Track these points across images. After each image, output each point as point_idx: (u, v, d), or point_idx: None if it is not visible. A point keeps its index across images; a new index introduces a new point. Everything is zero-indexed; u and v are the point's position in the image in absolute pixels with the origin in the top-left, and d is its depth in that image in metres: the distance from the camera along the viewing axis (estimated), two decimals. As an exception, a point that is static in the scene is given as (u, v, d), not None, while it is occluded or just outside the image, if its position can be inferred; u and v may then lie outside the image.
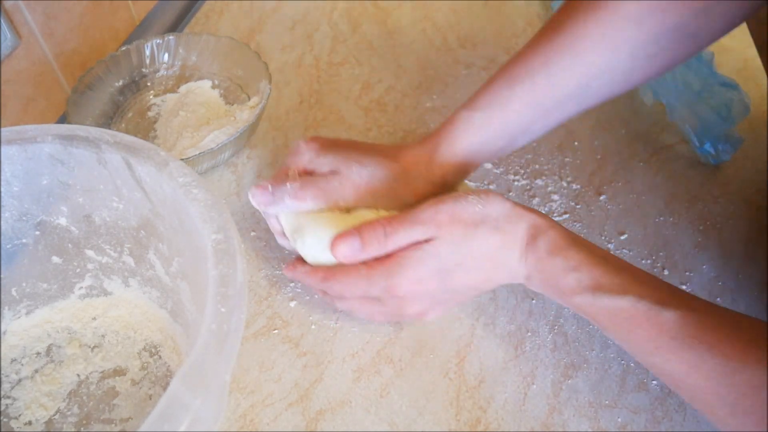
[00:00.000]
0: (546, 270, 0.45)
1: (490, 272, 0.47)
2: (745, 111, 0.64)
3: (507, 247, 0.46)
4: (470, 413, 0.49)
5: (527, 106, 0.50)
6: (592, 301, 0.43)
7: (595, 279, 0.43)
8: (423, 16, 0.82)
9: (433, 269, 0.46)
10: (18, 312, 0.52)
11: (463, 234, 0.45)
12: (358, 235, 0.47)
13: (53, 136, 0.46)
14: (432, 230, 0.46)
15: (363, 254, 0.47)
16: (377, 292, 0.47)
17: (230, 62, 0.71)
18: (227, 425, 0.48)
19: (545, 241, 0.45)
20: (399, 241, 0.46)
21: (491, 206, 0.46)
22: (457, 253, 0.46)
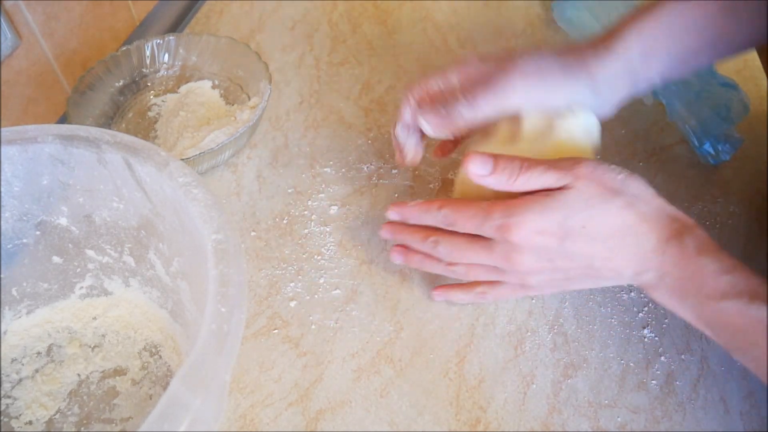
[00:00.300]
0: (690, 269, 0.41)
1: (614, 252, 0.43)
2: (745, 111, 0.64)
3: (641, 232, 0.43)
4: (470, 413, 0.49)
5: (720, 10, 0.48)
6: (744, 309, 0.40)
7: (752, 286, 0.40)
8: (423, 16, 0.82)
9: (557, 223, 0.43)
10: (18, 312, 0.52)
11: (599, 194, 0.42)
12: (492, 158, 0.44)
13: (54, 136, 0.46)
14: (569, 179, 0.43)
15: (491, 177, 0.44)
16: (491, 232, 0.45)
17: (230, 62, 0.71)
18: (227, 425, 0.48)
19: (693, 239, 0.42)
20: (531, 179, 0.44)
21: (633, 183, 0.43)
22: (587, 213, 0.43)
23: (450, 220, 0.47)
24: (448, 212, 0.47)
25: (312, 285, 0.56)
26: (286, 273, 0.57)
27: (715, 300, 0.41)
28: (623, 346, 0.52)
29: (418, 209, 0.50)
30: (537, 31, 0.80)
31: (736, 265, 0.41)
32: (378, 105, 0.71)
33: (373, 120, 0.70)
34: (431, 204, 0.48)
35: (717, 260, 0.41)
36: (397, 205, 0.51)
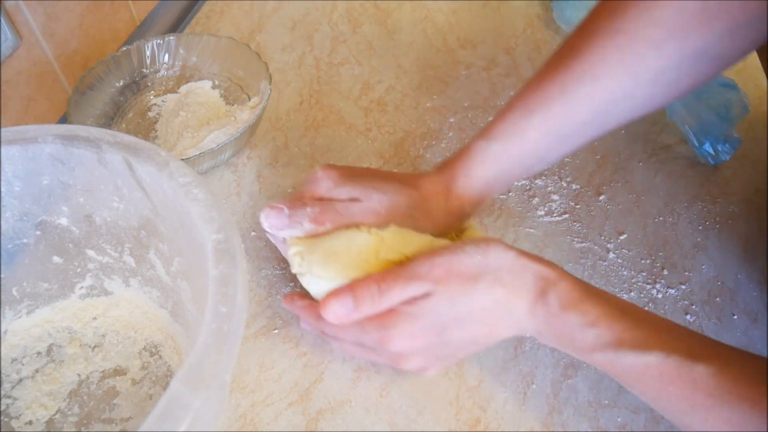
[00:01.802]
0: (559, 326, 0.42)
1: (492, 327, 0.44)
2: (745, 111, 0.64)
3: (511, 302, 0.43)
4: (470, 413, 0.49)
5: (545, 135, 0.48)
6: (615, 358, 0.40)
7: (617, 334, 0.40)
8: (423, 17, 0.82)
9: (429, 325, 0.44)
10: (19, 312, 0.52)
11: (460, 289, 0.43)
12: (351, 294, 0.44)
13: (54, 136, 0.46)
14: (428, 286, 0.43)
15: (356, 314, 0.44)
16: (371, 343, 0.46)
17: (230, 62, 0.71)
18: (227, 425, 0.48)
19: (556, 295, 0.42)
20: (394, 298, 0.44)
21: (492, 257, 0.43)
22: (455, 309, 0.43)
23: (331, 333, 0.48)
24: (325, 326, 0.48)
25: (312, 285, 0.56)
26: (286, 273, 0.57)
27: (588, 352, 0.42)
28: (623, 346, 0.52)
29: (302, 312, 0.50)
30: (537, 31, 0.80)
31: (600, 315, 0.41)
32: (378, 105, 0.71)
33: (373, 120, 0.70)
34: (311, 312, 0.48)
35: (580, 314, 0.41)
36: (286, 299, 0.52)
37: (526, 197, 0.62)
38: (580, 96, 0.47)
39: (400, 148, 0.67)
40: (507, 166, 0.50)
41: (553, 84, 0.48)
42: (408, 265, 0.45)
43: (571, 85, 0.47)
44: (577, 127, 0.48)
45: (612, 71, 0.46)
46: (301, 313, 0.51)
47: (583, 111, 0.47)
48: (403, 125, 0.69)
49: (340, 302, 0.44)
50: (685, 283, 0.56)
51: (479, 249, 0.44)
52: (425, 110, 0.71)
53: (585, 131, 0.49)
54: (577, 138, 0.50)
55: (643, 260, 0.58)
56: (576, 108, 0.47)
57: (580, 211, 0.61)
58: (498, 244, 0.44)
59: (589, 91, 0.47)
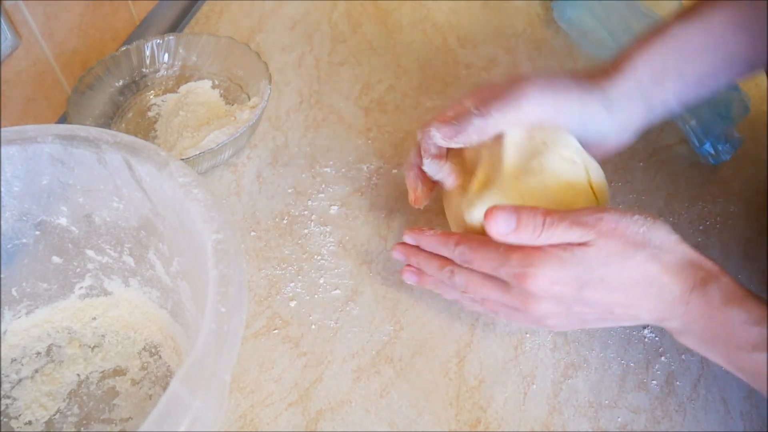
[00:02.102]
0: (717, 320, 0.41)
1: (633, 300, 0.43)
2: (745, 111, 0.64)
3: (664, 282, 0.42)
4: (470, 413, 0.49)
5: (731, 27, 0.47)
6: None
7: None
8: (423, 16, 0.82)
9: (574, 276, 0.42)
10: (18, 312, 0.52)
11: (620, 250, 0.42)
12: (516, 215, 0.43)
13: (53, 136, 0.46)
14: (590, 235, 0.42)
15: (514, 236, 0.43)
16: (507, 276, 0.44)
17: (230, 62, 0.71)
18: (227, 425, 0.48)
19: (719, 288, 0.41)
20: (554, 236, 0.43)
21: (657, 233, 0.42)
22: (606, 269, 0.42)
23: (466, 258, 0.46)
24: (464, 250, 0.46)
25: (312, 285, 0.56)
26: (286, 273, 0.57)
27: (746, 351, 0.40)
28: (623, 346, 0.52)
29: (435, 240, 0.49)
30: (537, 31, 0.80)
31: (764, 314, 0.40)
32: (378, 105, 0.71)
33: (373, 120, 0.70)
34: (449, 238, 0.48)
35: (745, 310, 0.40)
36: (414, 230, 0.50)
37: (526, 197, 0.62)
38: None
39: (400, 148, 0.67)
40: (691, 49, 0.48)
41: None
42: (576, 211, 0.44)
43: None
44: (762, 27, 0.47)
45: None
46: (431, 240, 0.49)
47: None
48: (403, 125, 0.69)
49: (505, 217, 0.43)
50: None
51: (647, 221, 0.43)
52: (425, 110, 0.71)
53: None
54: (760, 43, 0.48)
55: (644, 260, 0.58)
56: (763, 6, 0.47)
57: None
58: (664, 224, 0.43)
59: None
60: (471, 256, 0.46)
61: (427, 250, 0.50)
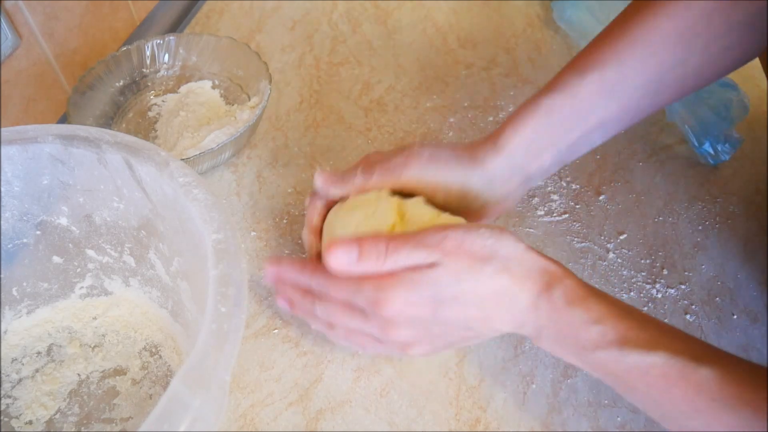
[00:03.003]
0: (562, 321, 0.41)
1: (490, 312, 0.43)
2: (745, 111, 0.64)
3: (515, 292, 0.42)
4: (470, 413, 0.49)
5: (600, 95, 0.48)
6: (618, 357, 0.40)
7: (621, 333, 0.40)
8: (423, 16, 0.82)
9: (427, 297, 0.43)
10: (19, 311, 0.52)
11: (468, 267, 0.42)
12: (357, 245, 0.43)
13: (54, 136, 0.46)
14: (436, 256, 0.42)
15: (357, 266, 0.43)
16: (363, 303, 0.44)
17: (230, 62, 0.71)
18: (227, 425, 0.48)
19: (562, 291, 0.42)
20: (399, 260, 0.43)
21: (503, 244, 0.43)
22: (458, 285, 0.42)
23: (323, 288, 0.46)
24: (320, 279, 0.46)
25: (312, 285, 0.56)
26: (286, 273, 0.57)
27: (590, 350, 0.41)
28: (623, 346, 0.52)
29: (292, 271, 0.48)
30: (537, 31, 0.80)
31: (605, 312, 0.41)
32: (378, 105, 0.71)
33: (373, 120, 0.70)
34: (304, 268, 0.47)
35: (585, 310, 0.41)
36: (272, 262, 0.49)
37: (526, 197, 0.62)
38: (635, 60, 0.48)
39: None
40: (562, 120, 0.49)
41: (607, 49, 0.48)
42: (420, 232, 0.44)
43: (625, 51, 0.48)
44: (633, 90, 0.48)
45: (664, 39, 0.47)
46: (289, 271, 0.48)
47: (637, 75, 0.48)
48: (403, 125, 0.69)
49: (346, 250, 0.43)
50: (685, 283, 0.56)
51: (493, 233, 0.43)
52: (425, 110, 0.71)
53: (642, 97, 0.49)
54: (634, 103, 0.49)
55: (643, 260, 0.58)
56: (631, 71, 0.48)
57: (580, 211, 0.61)
58: (510, 234, 0.44)
59: (642, 57, 0.47)
60: (327, 285, 0.45)
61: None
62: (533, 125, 0.49)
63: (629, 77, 0.48)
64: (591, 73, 0.48)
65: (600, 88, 0.48)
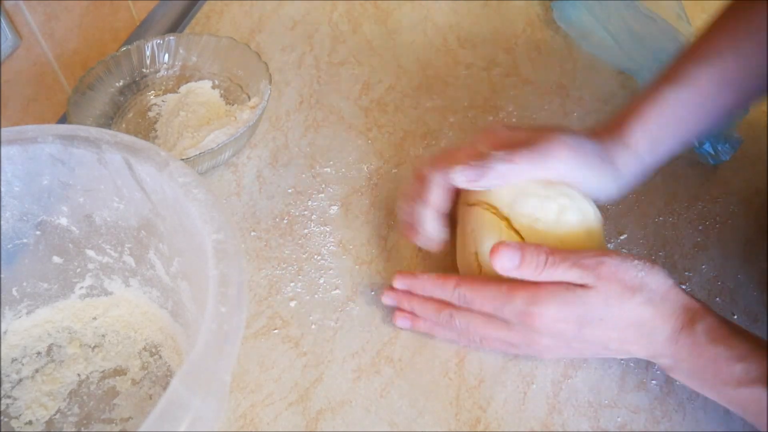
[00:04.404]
0: (704, 357, 0.43)
1: (629, 338, 0.45)
2: (745, 111, 0.64)
3: (656, 324, 0.44)
4: (470, 413, 0.49)
5: (717, 84, 0.48)
6: (761, 395, 0.40)
7: (767, 370, 0.41)
8: (423, 17, 0.82)
9: (575, 315, 0.45)
10: (18, 312, 0.52)
11: (618, 294, 0.44)
12: (520, 251, 0.45)
13: (54, 136, 0.46)
14: (590, 278, 0.44)
15: (517, 271, 0.45)
16: (510, 315, 0.46)
17: (231, 62, 0.71)
18: (227, 425, 0.48)
19: (705, 327, 0.43)
20: (555, 274, 0.44)
21: (653, 278, 0.44)
22: (606, 309, 0.44)
23: (467, 300, 0.47)
24: (465, 292, 0.47)
25: (312, 285, 0.56)
26: (286, 273, 0.57)
27: (732, 387, 0.42)
28: (623, 346, 0.52)
29: (431, 283, 0.49)
30: (537, 31, 0.80)
31: (749, 350, 0.42)
32: (378, 105, 0.71)
33: (373, 120, 0.70)
34: (446, 280, 0.48)
35: (728, 347, 0.42)
36: (405, 275, 0.51)
37: (526, 197, 0.62)
38: (751, 48, 0.47)
39: (400, 148, 0.67)
40: (682, 112, 0.49)
41: (723, 37, 0.48)
42: (578, 252, 0.45)
43: (740, 39, 0.48)
44: (750, 80, 0.49)
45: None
46: (427, 282, 0.49)
47: (754, 63, 0.48)
48: (403, 125, 0.69)
49: (509, 253, 0.45)
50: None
51: (645, 266, 0.45)
52: (425, 110, 0.71)
53: (758, 85, 0.49)
54: (749, 89, 0.49)
55: (643, 260, 0.58)
56: (748, 60, 0.48)
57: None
58: (661, 269, 0.45)
59: (759, 43, 0.47)
60: (472, 297, 0.47)
61: (421, 294, 0.51)
62: (658, 120, 0.49)
63: (747, 65, 0.48)
64: (709, 62, 0.48)
65: (721, 78, 0.48)
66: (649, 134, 0.50)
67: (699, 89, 0.49)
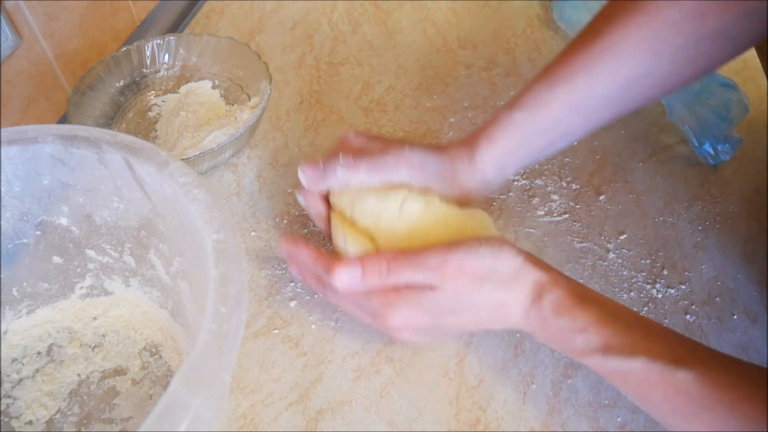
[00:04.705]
0: (551, 329, 0.44)
1: (485, 320, 0.47)
2: (744, 111, 0.64)
3: (508, 304, 0.45)
4: (470, 413, 0.49)
5: (567, 108, 0.49)
6: (602, 363, 0.42)
7: (604, 340, 0.42)
8: (423, 17, 0.82)
9: (428, 312, 0.46)
10: (19, 312, 0.52)
11: (466, 288, 0.45)
12: (360, 266, 0.46)
13: (54, 136, 0.46)
14: (436, 279, 0.45)
15: (361, 285, 0.46)
16: (369, 311, 0.48)
17: (231, 62, 0.71)
18: (227, 425, 0.48)
19: (550, 300, 0.44)
20: (401, 278, 0.46)
21: (502, 261, 0.45)
22: (457, 303, 0.45)
23: (333, 288, 0.48)
24: (332, 281, 0.48)
25: (312, 285, 0.56)
26: (286, 273, 0.57)
27: (578, 356, 0.44)
28: (623, 346, 0.52)
29: (307, 259, 0.50)
30: (537, 31, 0.80)
31: (590, 321, 0.43)
32: (378, 105, 0.71)
33: (373, 120, 0.70)
34: (318, 260, 0.49)
35: (572, 319, 0.43)
36: (289, 242, 0.51)
37: (526, 197, 0.62)
38: (603, 72, 0.48)
39: (400, 148, 0.67)
40: (529, 135, 0.51)
41: (577, 60, 0.49)
42: (421, 253, 0.46)
43: (593, 61, 0.48)
44: (599, 102, 0.49)
45: (633, 48, 0.47)
46: (305, 257, 0.50)
47: (605, 87, 0.49)
48: (403, 125, 0.69)
49: (349, 271, 0.46)
50: (685, 283, 0.56)
51: (492, 252, 0.45)
52: (425, 110, 0.71)
53: (607, 108, 0.50)
54: (600, 114, 0.50)
55: (643, 260, 0.58)
56: (598, 83, 0.49)
57: (580, 211, 0.61)
58: (510, 248, 0.46)
59: (611, 67, 0.48)
60: (336, 288, 0.48)
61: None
62: (504, 142, 0.51)
63: (597, 89, 0.49)
64: (561, 86, 0.49)
65: (569, 101, 0.49)
66: (494, 157, 0.51)
67: (550, 113, 0.50)
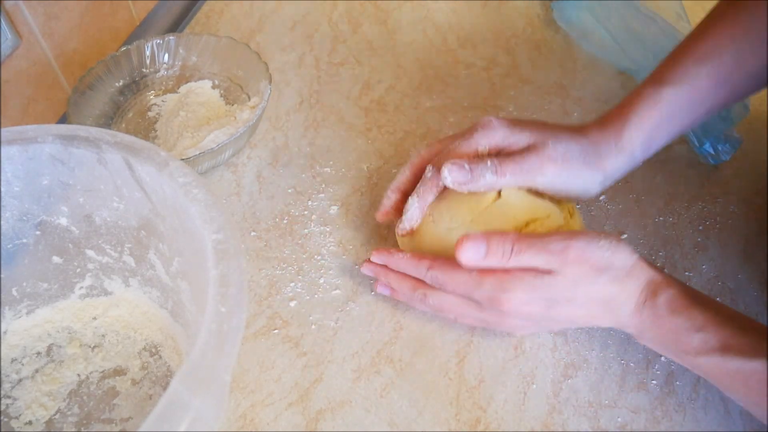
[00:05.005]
0: (665, 328, 0.44)
1: (596, 314, 0.46)
2: (745, 111, 0.64)
3: (621, 300, 0.45)
4: (470, 413, 0.49)
5: (715, 84, 0.49)
6: (720, 363, 0.42)
7: (723, 340, 0.42)
8: (423, 17, 0.82)
9: (543, 298, 0.46)
10: (18, 312, 0.52)
11: (585, 275, 0.45)
12: (486, 242, 0.46)
13: (54, 136, 0.46)
14: (556, 264, 0.45)
15: (484, 262, 0.46)
16: (481, 298, 0.47)
17: (230, 62, 0.71)
18: (227, 425, 0.48)
19: (666, 299, 0.44)
20: (522, 261, 0.45)
21: (619, 256, 0.45)
22: (573, 291, 0.45)
23: (439, 282, 0.49)
24: (437, 274, 0.48)
25: (312, 285, 0.56)
26: (286, 273, 0.57)
27: (692, 355, 0.44)
28: (623, 346, 0.52)
29: (405, 262, 0.51)
30: (537, 31, 0.80)
31: (707, 320, 0.43)
32: (378, 105, 0.71)
33: (373, 120, 0.70)
34: (420, 261, 0.49)
35: (689, 318, 0.43)
36: (381, 251, 0.52)
37: (526, 197, 0.62)
38: (750, 45, 0.48)
39: (400, 148, 0.67)
40: (677, 110, 0.50)
41: (723, 34, 0.49)
42: (544, 237, 0.46)
43: (740, 36, 0.48)
44: (746, 78, 0.50)
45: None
46: (402, 262, 0.50)
47: (752, 61, 0.49)
48: (403, 125, 0.69)
49: (475, 246, 0.46)
50: (685, 283, 0.56)
51: (611, 245, 0.45)
52: (425, 110, 0.71)
53: (750, 83, 0.50)
54: (744, 90, 0.51)
55: (643, 260, 0.58)
56: (746, 58, 0.49)
57: (580, 211, 0.61)
58: (627, 245, 0.46)
59: (758, 42, 0.48)
60: (444, 280, 0.48)
61: (397, 270, 0.52)
62: (653, 120, 0.50)
63: (744, 64, 0.49)
64: (710, 60, 0.49)
65: (717, 76, 0.49)
66: (643, 133, 0.51)
67: (698, 88, 0.50)
